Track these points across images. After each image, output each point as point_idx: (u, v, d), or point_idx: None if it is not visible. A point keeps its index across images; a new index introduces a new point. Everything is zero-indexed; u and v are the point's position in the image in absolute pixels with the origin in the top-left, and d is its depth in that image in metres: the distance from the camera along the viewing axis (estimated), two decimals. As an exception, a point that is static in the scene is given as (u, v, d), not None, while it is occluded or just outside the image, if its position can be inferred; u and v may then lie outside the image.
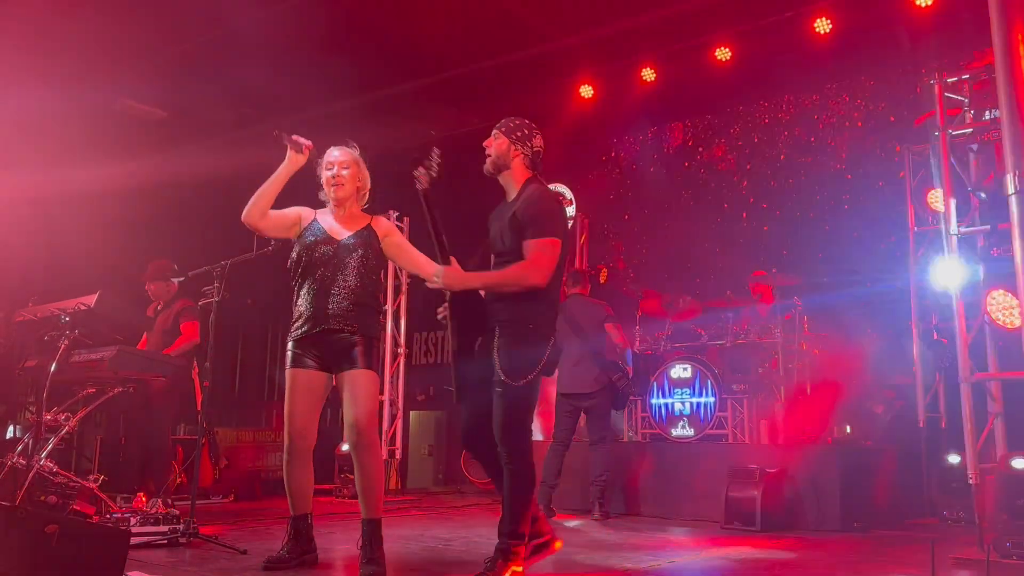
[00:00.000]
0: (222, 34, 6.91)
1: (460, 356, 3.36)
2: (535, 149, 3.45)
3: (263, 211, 3.70)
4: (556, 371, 3.77)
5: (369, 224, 3.82)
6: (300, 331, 3.66)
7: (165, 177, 7.58)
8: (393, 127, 7.99)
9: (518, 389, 3.23)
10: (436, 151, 3.28)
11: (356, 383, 3.58)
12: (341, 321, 3.61)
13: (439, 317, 3.44)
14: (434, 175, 3.26)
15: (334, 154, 3.79)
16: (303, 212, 3.82)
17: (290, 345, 3.70)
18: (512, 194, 3.44)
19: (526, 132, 3.44)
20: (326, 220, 3.79)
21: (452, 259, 3.28)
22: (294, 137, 3.71)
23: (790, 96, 8.19)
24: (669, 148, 9.05)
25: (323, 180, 3.81)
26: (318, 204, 3.89)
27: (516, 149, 3.42)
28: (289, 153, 3.71)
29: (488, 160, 3.45)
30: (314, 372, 3.65)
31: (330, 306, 3.62)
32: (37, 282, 7.36)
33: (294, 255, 3.76)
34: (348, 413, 3.56)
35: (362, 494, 3.59)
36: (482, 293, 3.41)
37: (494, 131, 3.46)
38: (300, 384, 3.65)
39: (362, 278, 3.69)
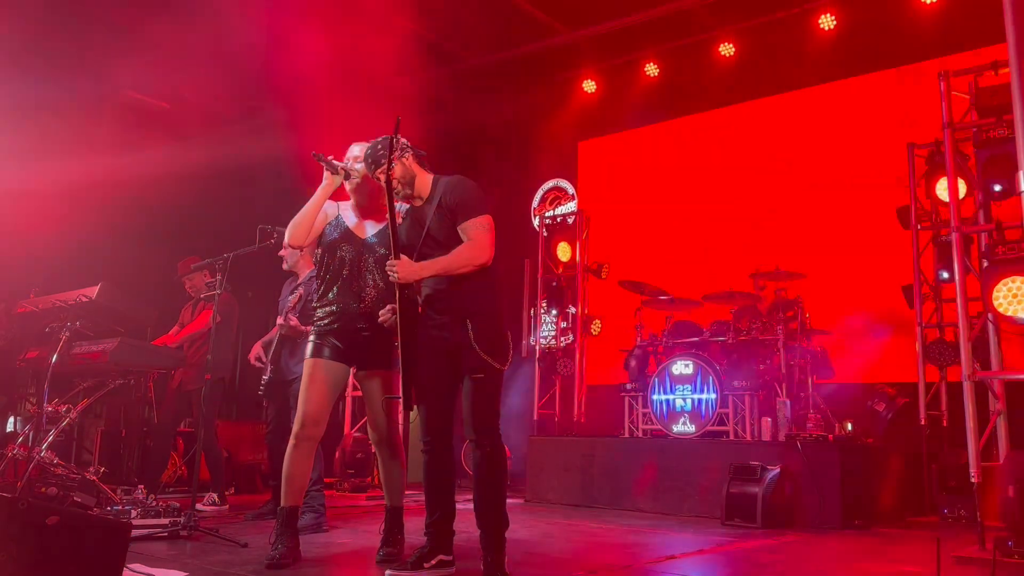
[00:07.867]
0: (223, 24, 6.88)
1: (412, 359, 3.33)
2: (414, 149, 3.43)
3: (307, 232, 3.72)
4: None
5: None
6: (325, 326, 3.73)
7: (167, 169, 7.56)
8: (393, 120, 7.97)
9: (502, 374, 3.32)
10: (399, 139, 3.30)
11: (383, 386, 3.75)
12: (367, 320, 3.68)
13: (381, 321, 3.45)
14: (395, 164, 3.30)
15: (354, 152, 3.79)
16: (327, 208, 3.81)
17: (312, 336, 3.76)
18: (425, 195, 3.44)
19: (396, 143, 3.36)
20: (349, 215, 3.84)
21: (401, 255, 3.28)
22: (330, 159, 3.71)
23: (793, 91, 8.16)
24: (672, 143, 9.02)
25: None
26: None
27: (408, 159, 3.41)
28: (326, 175, 3.73)
29: (399, 187, 3.39)
30: (333, 364, 3.71)
31: (357, 306, 3.71)
32: (38, 273, 7.34)
33: (318, 253, 3.84)
34: (375, 414, 3.76)
35: (387, 485, 3.85)
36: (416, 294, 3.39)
37: (378, 169, 3.38)
38: (318, 375, 3.69)
39: (385, 278, 3.71)
